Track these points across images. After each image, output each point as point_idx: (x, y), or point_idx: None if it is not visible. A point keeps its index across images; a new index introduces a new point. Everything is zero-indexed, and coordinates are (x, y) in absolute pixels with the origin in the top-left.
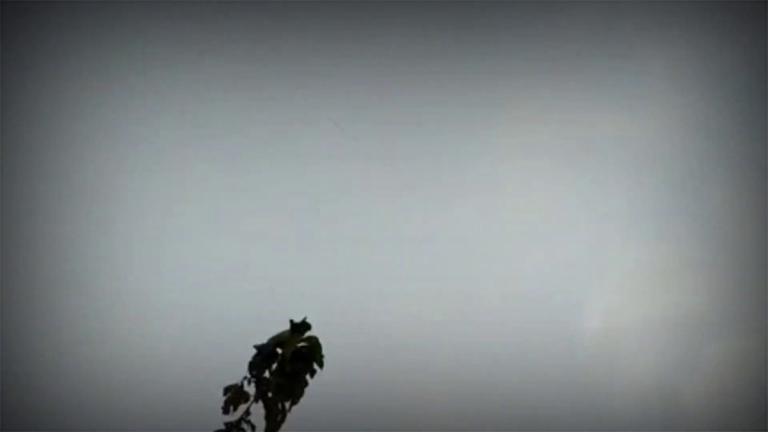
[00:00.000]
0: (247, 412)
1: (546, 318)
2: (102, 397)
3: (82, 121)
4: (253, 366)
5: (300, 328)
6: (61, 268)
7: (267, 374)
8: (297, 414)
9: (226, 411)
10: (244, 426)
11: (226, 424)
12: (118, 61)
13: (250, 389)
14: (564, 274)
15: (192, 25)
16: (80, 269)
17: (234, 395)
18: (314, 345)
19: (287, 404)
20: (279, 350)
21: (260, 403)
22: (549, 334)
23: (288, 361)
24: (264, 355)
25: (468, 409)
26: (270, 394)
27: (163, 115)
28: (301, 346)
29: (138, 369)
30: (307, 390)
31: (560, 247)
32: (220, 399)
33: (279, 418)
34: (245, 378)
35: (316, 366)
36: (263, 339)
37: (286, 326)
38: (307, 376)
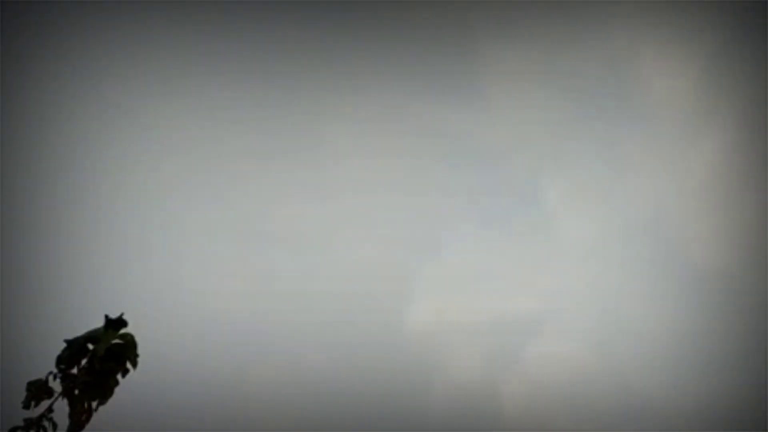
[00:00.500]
0: (50, 409)
1: (377, 317)
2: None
3: (82, 120)
4: (60, 360)
5: (115, 324)
6: (62, 267)
7: (75, 370)
8: (104, 413)
9: (26, 406)
10: (45, 423)
11: (26, 420)
12: (120, 60)
13: (56, 385)
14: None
15: (192, 25)
16: (80, 269)
17: (36, 391)
18: (129, 343)
19: (94, 403)
20: (90, 346)
21: (65, 401)
22: (379, 333)
23: (99, 358)
24: (74, 350)
25: (298, 407)
26: (76, 392)
27: (159, 112)
28: (115, 344)
29: (138, 369)
30: (117, 389)
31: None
32: (22, 394)
33: (84, 417)
34: (50, 373)
35: (129, 365)
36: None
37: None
38: (119, 376)
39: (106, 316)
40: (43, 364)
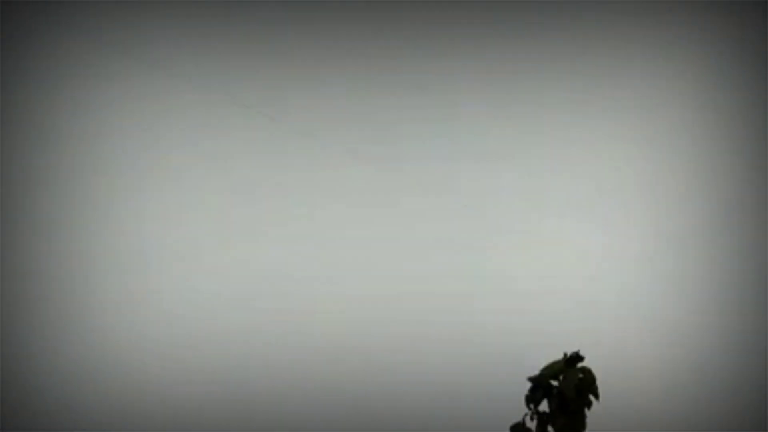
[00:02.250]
0: None
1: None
2: (102, 398)
3: (82, 121)
4: (530, 400)
5: (574, 360)
6: (62, 267)
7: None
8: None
9: None
10: None
11: None
12: (121, 60)
13: (532, 425)
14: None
15: (193, 25)
16: (81, 269)
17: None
18: (589, 377)
19: None
20: (554, 383)
21: None
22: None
23: (570, 396)
24: (542, 389)
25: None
26: (550, 430)
27: (161, 116)
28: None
29: (138, 369)
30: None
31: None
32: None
33: None
34: (526, 414)
35: (592, 398)
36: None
37: None
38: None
39: (565, 354)
40: (44, 364)
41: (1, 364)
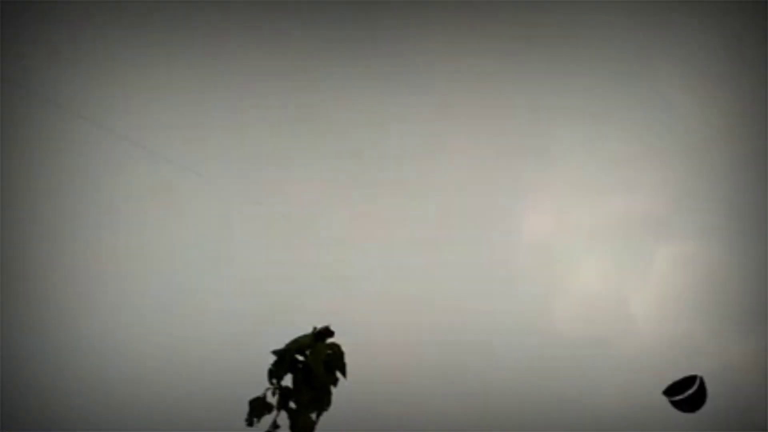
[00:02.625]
0: (275, 425)
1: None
2: (102, 398)
3: (84, 120)
4: (273, 374)
5: (324, 335)
6: (62, 267)
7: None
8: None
9: (250, 423)
10: None
11: None
12: (122, 60)
13: (273, 400)
14: None
15: (194, 25)
16: (81, 269)
17: (258, 407)
18: (338, 353)
19: (313, 415)
20: (300, 357)
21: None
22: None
23: (318, 372)
24: (287, 363)
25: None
26: (293, 405)
27: (160, 110)
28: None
29: (140, 370)
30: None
31: None
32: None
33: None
34: (268, 389)
35: (339, 375)
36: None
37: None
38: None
39: (315, 328)
40: (45, 364)
41: (1, 364)
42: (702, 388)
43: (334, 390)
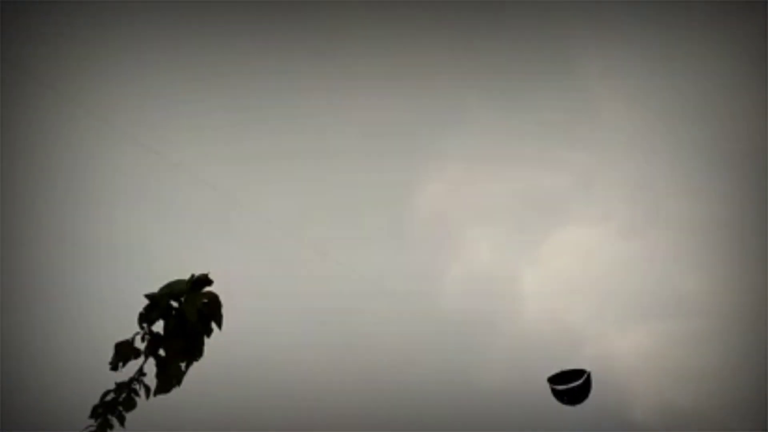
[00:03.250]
0: (141, 372)
1: None
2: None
3: (83, 121)
4: (144, 319)
5: (201, 283)
6: (63, 267)
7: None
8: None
9: (114, 368)
10: (136, 386)
11: (117, 384)
12: (122, 60)
13: (142, 346)
14: None
15: (195, 25)
16: (82, 269)
17: (124, 351)
18: (214, 302)
19: (183, 365)
20: (174, 303)
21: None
22: None
23: (191, 320)
24: (160, 309)
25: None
26: (162, 352)
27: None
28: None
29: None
30: None
31: None
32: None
33: (174, 381)
34: (137, 333)
35: (214, 325)
36: None
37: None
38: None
39: (192, 275)
40: (44, 364)
41: (1, 364)
42: (587, 384)
43: (207, 341)
